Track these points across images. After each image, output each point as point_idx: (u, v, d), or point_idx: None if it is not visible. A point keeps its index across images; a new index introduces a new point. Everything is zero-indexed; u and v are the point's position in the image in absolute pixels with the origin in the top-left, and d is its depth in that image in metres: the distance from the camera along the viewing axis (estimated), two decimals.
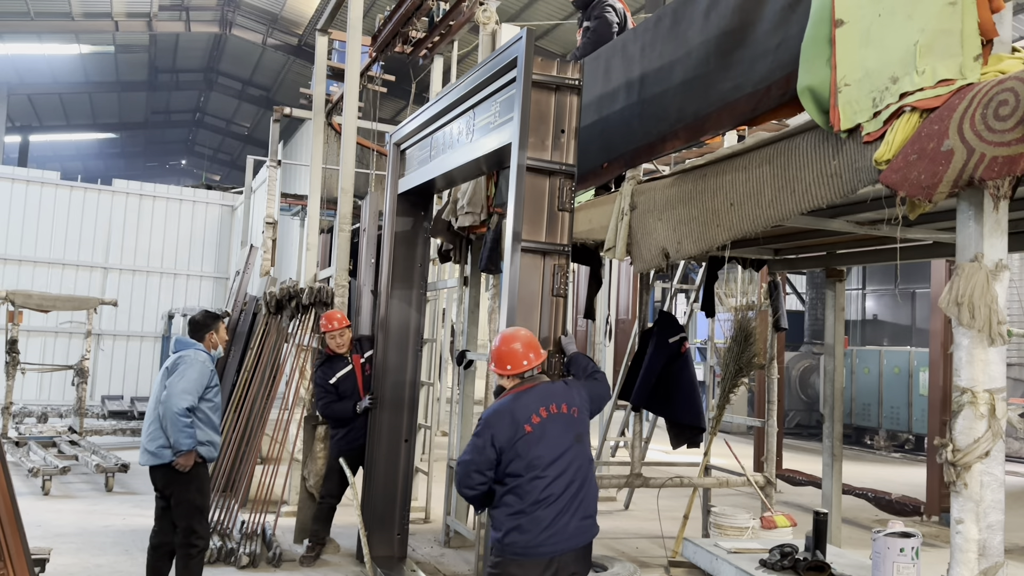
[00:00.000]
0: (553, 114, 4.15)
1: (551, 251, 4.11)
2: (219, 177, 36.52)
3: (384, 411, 6.42)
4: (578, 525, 3.49)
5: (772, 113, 3.43)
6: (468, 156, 4.98)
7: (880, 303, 25.10)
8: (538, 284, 4.08)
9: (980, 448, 2.24)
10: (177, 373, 4.93)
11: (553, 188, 4.13)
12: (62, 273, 18.89)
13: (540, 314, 4.06)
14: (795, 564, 3.57)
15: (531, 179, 4.07)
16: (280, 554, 6.41)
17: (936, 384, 9.55)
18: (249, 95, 29.90)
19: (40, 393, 18.33)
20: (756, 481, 6.68)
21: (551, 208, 4.12)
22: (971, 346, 2.29)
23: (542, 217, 4.11)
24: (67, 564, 6.12)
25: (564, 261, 4.11)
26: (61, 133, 32.76)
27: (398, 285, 6.55)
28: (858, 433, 17.20)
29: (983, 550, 2.23)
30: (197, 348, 5.10)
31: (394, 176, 6.48)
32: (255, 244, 12.07)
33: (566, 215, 4.13)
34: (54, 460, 9.65)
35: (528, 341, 3.66)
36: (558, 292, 4.10)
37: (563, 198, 4.12)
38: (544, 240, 4.10)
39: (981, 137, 2.30)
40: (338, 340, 6.58)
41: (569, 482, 3.49)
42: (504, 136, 4.36)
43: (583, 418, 3.65)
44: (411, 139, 6.23)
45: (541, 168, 4.11)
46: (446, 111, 5.37)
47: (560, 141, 4.14)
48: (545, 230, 4.12)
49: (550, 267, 4.10)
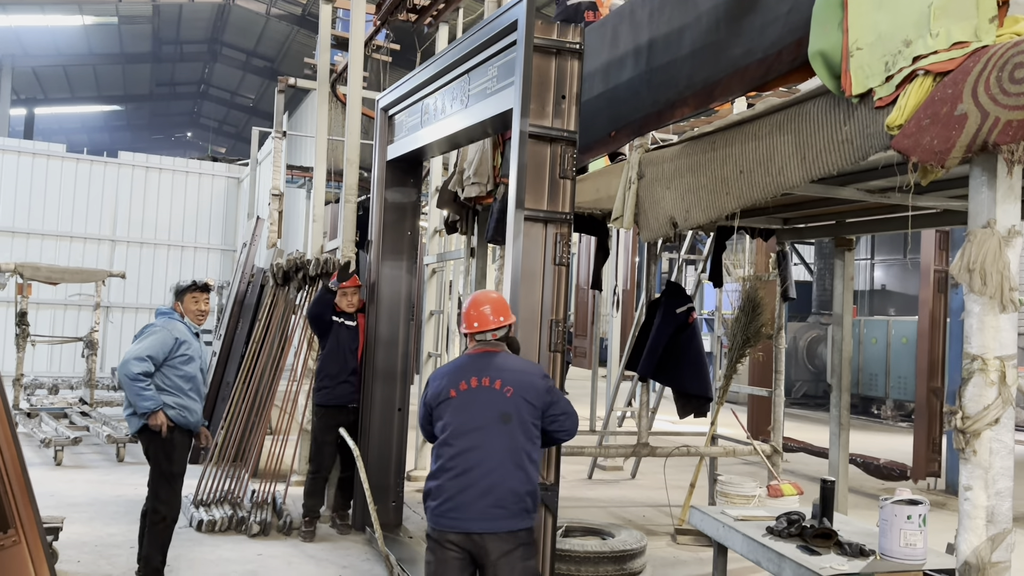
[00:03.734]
0: (554, 79, 4.05)
1: (553, 219, 4.04)
2: (225, 149, 36.42)
3: (377, 381, 6.43)
4: (483, 509, 3.28)
5: (783, 79, 3.39)
6: (463, 122, 4.85)
7: (889, 273, 25.00)
8: (540, 253, 4.03)
9: (990, 415, 2.24)
10: (137, 339, 4.97)
11: (554, 155, 4.05)
12: (70, 246, 18.95)
13: (543, 283, 4.01)
14: (802, 531, 3.58)
15: (532, 146, 3.99)
16: (290, 523, 6.48)
17: (924, 352, 9.56)
18: (253, 66, 29.71)
19: (50, 365, 18.49)
20: (763, 450, 6.70)
21: (552, 176, 4.05)
22: (982, 313, 2.27)
23: (543, 185, 4.05)
24: (80, 533, 6.19)
25: (566, 230, 4.05)
26: (66, 106, 32.68)
27: (388, 255, 6.50)
28: (865, 403, 17.22)
29: (991, 517, 2.23)
30: (171, 317, 5.09)
31: (382, 142, 6.33)
32: (261, 216, 12.06)
33: (567, 183, 4.06)
34: (65, 431, 9.75)
35: (497, 304, 3.61)
36: (560, 261, 4.04)
37: (564, 165, 4.04)
38: (546, 208, 4.03)
39: (996, 100, 2.26)
40: (349, 298, 6.59)
41: (479, 461, 3.31)
42: (503, 102, 4.25)
43: (520, 404, 3.38)
44: (401, 104, 6.01)
45: (542, 135, 4.03)
46: (439, 75, 5.21)
47: (561, 107, 4.05)
48: (547, 198, 4.05)
49: (552, 236, 4.04)
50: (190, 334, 5.09)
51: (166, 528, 4.91)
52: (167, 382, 4.91)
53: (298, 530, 6.37)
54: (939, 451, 9.32)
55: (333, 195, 11.90)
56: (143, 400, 4.76)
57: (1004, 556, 2.21)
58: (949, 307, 9.66)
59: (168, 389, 4.90)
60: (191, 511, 6.66)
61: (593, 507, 7.88)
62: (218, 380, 9.23)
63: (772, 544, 3.50)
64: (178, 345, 4.95)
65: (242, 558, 5.82)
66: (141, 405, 4.77)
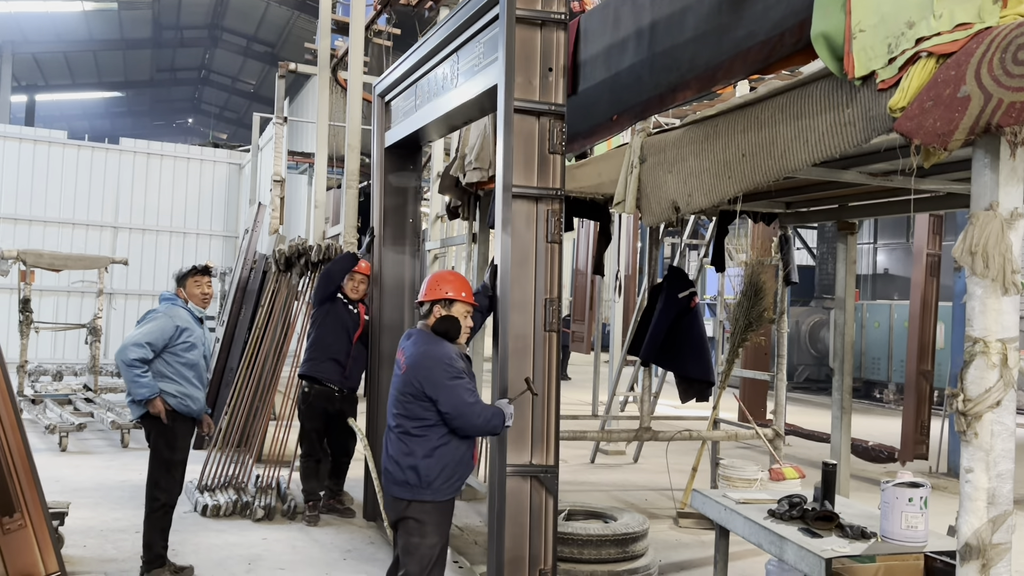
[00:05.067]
0: (540, 52, 3.95)
1: (544, 196, 3.93)
2: (226, 135, 36.34)
3: (383, 368, 6.26)
4: (386, 474, 3.70)
5: (785, 61, 3.36)
6: (454, 102, 4.73)
7: (891, 257, 24.97)
8: (531, 231, 3.92)
9: (991, 397, 2.24)
10: (139, 325, 4.95)
11: (543, 130, 3.93)
12: (72, 232, 18.96)
13: (535, 262, 3.93)
14: (804, 514, 3.60)
15: (519, 121, 3.87)
16: (295, 507, 6.52)
17: (914, 335, 9.60)
18: (254, 51, 29.61)
19: (54, 352, 18.54)
20: (764, 434, 6.72)
21: (542, 151, 3.93)
22: (984, 295, 2.27)
23: (533, 161, 3.92)
24: (86, 518, 6.23)
25: (558, 206, 3.94)
26: (67, 92, 32.61)
27: (391, 242, 6.36)
28: (867, 387, 17.25)
29: (992, 499, 2.23)
30: (174, 303, 5.06)
31: (380, 129, 6.22)
32: (263, 202, 12.05)
33: (558, 158, 3.95)
34: (70, 417, 9.79)
35: (432, 281, 3.74)
36: (553, 239, 3.93)
37: (554, 140, 3.92)
38: (536, 185, 3.92)
39: (999, 82, 2.24)
40: (356, 284, 6.50)
41: (387, 430, 3.73)
42: (490, 78, 4.13)
43: (407, 382, 3.57)
44: (396, 89, 5.91)
45: (529, 109, 3.90)
46: (430, 56, 5.10)
47: (548, 80, 3.95)
48: (537, 174, 3.93)
49: (543, 213, 3.93)
50: (193, 320, 5.06)
51: (164, 514, 4.93)
52: (169, 369, 4.90)
53: (302, 515, 6.38)
54: (927, 433, 9.38)
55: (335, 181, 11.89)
56: (138, 387, 4.75)
57: (1005, 537, 2.22)
58: (953, 290, 9.67)
59: (170, 376, 4.89)
60: (195, 496, 6.70)
61: (596, 491, 7.92)
62: (221, 366, 9.25)
63: (774, 527, 3.52)
64: (179, 332, 4.93)
65: (247, 542, 5.86)
66: (136, 392, 4.76)
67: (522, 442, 3.91)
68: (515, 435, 3.88)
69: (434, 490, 3.57)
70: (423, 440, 3.54)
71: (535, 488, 3.94)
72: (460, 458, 3.63)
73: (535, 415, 3.95)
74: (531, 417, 3.93)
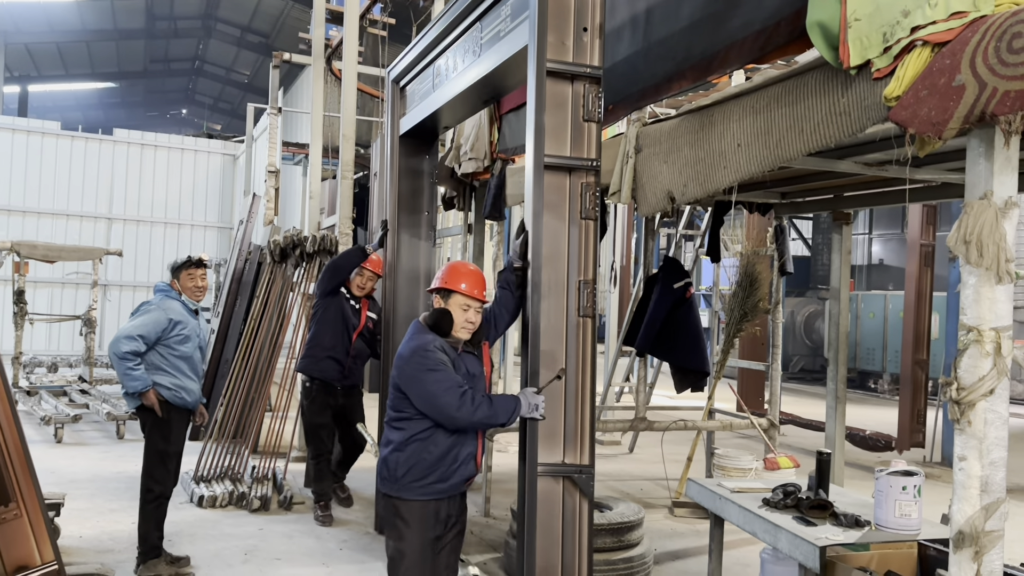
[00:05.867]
0: (573, 9, 3.59)
1: (578, 167, 3.58)
2: (220, 126, 36.23)
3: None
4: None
5: (781, 50, 3.36)
6: (477, 74, 4.37)
7: (886, 248, 25.00)
8: (564, 206, 3.58)
9: (985, 386, 2.24)
10: (133, 317, 4.92)
11: (577, 95, 3.59)
12: (66, 224, 18.90)
13: (568, 240, 3.57)
14: (798, 503, 3.61)
15: (552, 85, 3.52)
16: (291, 498, 6.52)
17: (909, 325, 9.66)
18: (248, 42, 29.48)
19: (49, 344, 18.52)
20: (759, 424, 6.74)
21: (576, 118, 3.60)
22: (978, 284, 2.27)
23: (565, 129, 3.58)
24: (82, 509, 6.24)
25: (593, 178, 3.60)
26: (60, 83, 32.44)
27: (405, 236, 5.99)
28: (863, 377, 17.31)
29: (985, 486, 2.24)
30: (168, 296, 5.03)
31: (394, 117, 5.90)
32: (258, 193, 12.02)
33: (593, 126, 3.61)
34: (65, 408, 9.78)
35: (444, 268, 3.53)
36: (587, 214, 3.58)
37: (589, 106, 3.59)
38: (569, 155, 3.57)
39: (994, 71, 2.24)
40: (363, 281, 6.25)
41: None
42: (518, 40, 3.80)
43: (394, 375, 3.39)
44: (411, 72, 5.58)
45: (563, 71, 3.55)
46: (448, 31, 4.74)
47: (583, 40, 3.60)
48: (570, 143, 3.58)
49: (577, 186, 3.59)
50: (187, 312, 5.04)
51: (159, 506, 4.93)
52: (163, 362, 4.89)
53: (315, 516, 6.17)
54: (923, 422, 9.45)
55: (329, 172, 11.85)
56: (130, 380, 4.74)
57: (997, 525, 2.23)
58: (947, 280, 9.71)
59: (165, 369, 4.89)
60: (192, 487, 6.70)
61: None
62: (217, 357, 9.25)
63: (768, 515, 3.53)
64: (173, 325, 4.91)
65: (243, 533, 5.86)
66: (128, 384, 4.75)
67: (553, 439, 3.53)
68: (546, 431, 3.49)
69: (401, 487, 3.34)
70: (400, 433, 3.37)
71: (568, 490, 3.54)
72: (440, 457, 3.33)
73: (567, 408, 3.56)
74: (563, 411, 3.55)
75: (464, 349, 3.46)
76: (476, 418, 3.26)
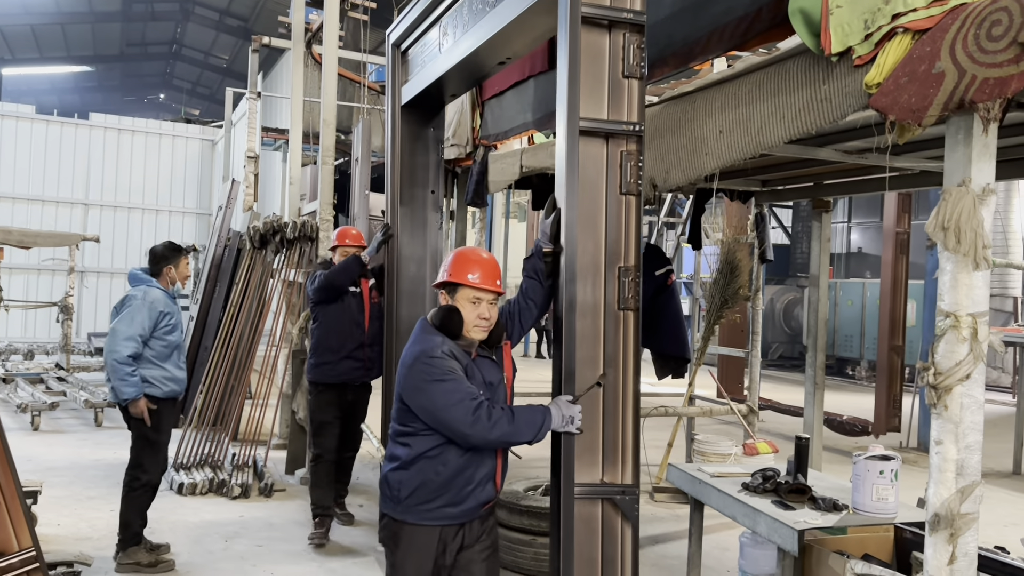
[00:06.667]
0: None
1: (617, 132, 3.01)
2: (199, 111, 35.81)
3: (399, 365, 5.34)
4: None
5: (763, 37, 3.36)
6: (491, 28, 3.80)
7: (864, 236, 25.23)
8: (600, 179, 3.02)
9: (961, 371, 2.27)
10: (122, 316, 4.76)
11: (616, 46, 3.04)
12: (42, 209, 18.66)
13: (605, 218, 3.02)
14: (777, 487, 3.65)
15: (586, 35, 2.97)
16: (272, 485, 6.50)
17: (886, 312, 9.78)
18: (227, 25, 29.11)
19: (25, 331, 18.31)
20: (739, 410, 6.79)
21: (614, 74, 3.04)
22: (955, 271, 2.29)
23: (602, 87, 3.03)
24: (60, 497, 6.19)
25: (635, 146, 3.04)
26: (34, 66, 31.90)
27: (407, 219, 5.34)
28: (840, 364, 17.50)
29: (961, 469, 2.27)
30: (151, 285, 4.92)
31: (395, 84, 5.21)
32: (237, 179, 11.91)
33: (635, 83, 3.05)
34: (42, 396, 9.69)
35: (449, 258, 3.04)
36: (629, 188, 3.03)
37: (631, 60, 3.03)
38: (607, 118, 3.02)
39: (973, 58, 2.26)
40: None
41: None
42: None
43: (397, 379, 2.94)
44: (413, 33, 4.93)
45: (599, 17, 2.98)
46: None
47: None
48: (608, 104, 3.03)
49: (616, 155, 3.03)
50: (170, 301, 4.99)
51: (144, 493, 4.90)
52: (152, 353, 4.85)
53: (309, 539, 5.38)
54: (899, 407, 9.58)
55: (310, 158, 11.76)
56: (126, 386, 4.68)
57: (972, 508, 2.26)
58: (922, 268, 9.83)
59: (154, 361, 4.85)
60: (171, 474, 6.66)
61: None
62: (196, 345, 9.19)
63: (748, 499, 3.56)
64: (162, 316, 4.87)
65: (224, 520, 5.84)
66: (124, 391, 4.68)
67: (590, 455, 2.98)
68: (582, 446, 2.94)
69: (405, 508, 2.87)
70: (405, 449, 2.88)
71: (608, 514, 2.98)
72: (450, 478, 2.84)
73: (606, 419, 2.99)
74: (602, 422, 2.99)
75: (480, 352, 2.94)
76: (493, 436, 2.75)
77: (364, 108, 9.51)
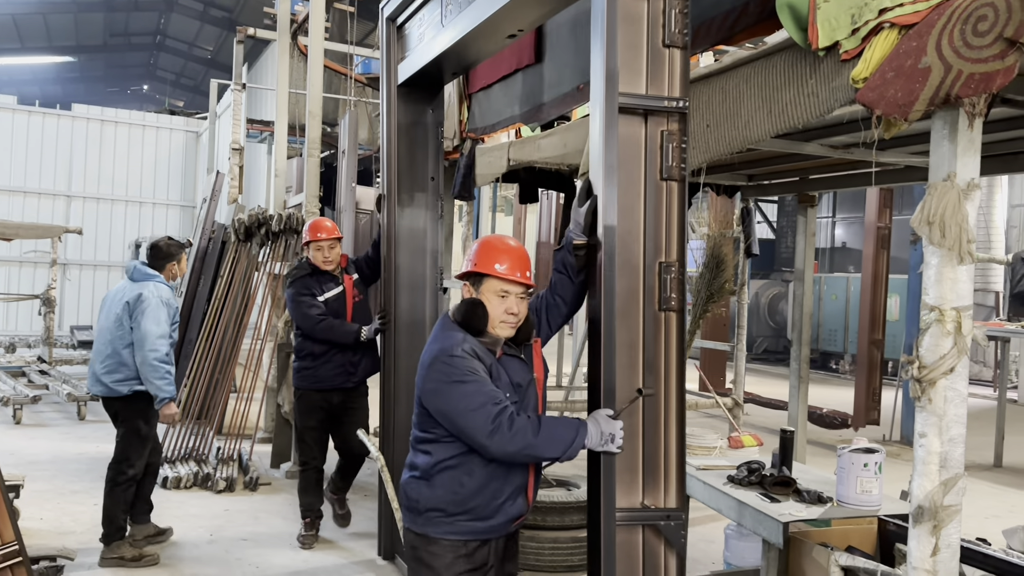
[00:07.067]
0: None
1: (657, 110, 2.70)
2: (183, 102, 35.50)
3: (401, 358, 4.93)
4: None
5: (750, 31, 3.37)
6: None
7: (849, 231, 25.37)
8: (639, 161, 2.70)
9: (945, 364, 2.28)
10: (147, 317, 4.69)
11: (655, 10, 2.69)
12: (24, 201, 18.46)
13: (644, 204, 2.71)
14: (762, 479, 3.67)
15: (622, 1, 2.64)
16: (257, 479, 6.48)
17: (866, 306, 9.85)
18: (211, 16, 28.87)
19: (7, 323, 18.14)
20: (724, 403, 6.82)
21: (654, 43, 2.70)
22: (940, 265, 2.31)
23: (640, 58, 2.68)
24: (42, 490, 6.14)
25: (678, 125, 2.73)
26: (15, 56, 31.51)
27: (405, 207, 4.98)
28: (824, 358, 17.60)
29: (944, 462, 2.29)
30: (158, 281, 4.87)
31: (391, 62, 4.83)
32: (221, 171, 11.83)
33: (677, 53, 2.72)
34: (24, 389, 9.60)
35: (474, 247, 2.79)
36: (671, 174, 2.72)
37: (672, 26, 2.68)
38: (646, 93, 2.68)
39: (959, 54, 2.27)
40: (326, 253, 5.21)
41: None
42: None
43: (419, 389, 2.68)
44: (410, 6, 4.51)
45: None
46: None
47: None
48: (647, 77, 2.69)
49: (656, 135, 2.71)
50: (173, 295, 5.00)
51: (129, 487, 4.88)
52: None
53: (299, 536, 5.32)
54: (879, 400, 9.67)
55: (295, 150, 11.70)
56: (168, 384, 4.68)
57: (955, 500, 2.28)
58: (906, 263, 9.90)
59: None
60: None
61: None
62: (180, 338, 9.12)
63: (733, 492, 3.58)
64: (174, 312, 4.89)
65: (209, 513, 5.82)
66: (166, 390, 4.67)
67: (630, 474, 2.68)
68: (621, 465, 2.66)
69: (427, 521, 2.64)
70: (426, 458, 2.65)
71: (650, 541, 2.69)
72: (476, 490, 2.60)
73: (646, 434, 2.69)
74: (642, 437, 2.69)
75: (506, 351, 2.69)
76: (513, 448, 2.47)
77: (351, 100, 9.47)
